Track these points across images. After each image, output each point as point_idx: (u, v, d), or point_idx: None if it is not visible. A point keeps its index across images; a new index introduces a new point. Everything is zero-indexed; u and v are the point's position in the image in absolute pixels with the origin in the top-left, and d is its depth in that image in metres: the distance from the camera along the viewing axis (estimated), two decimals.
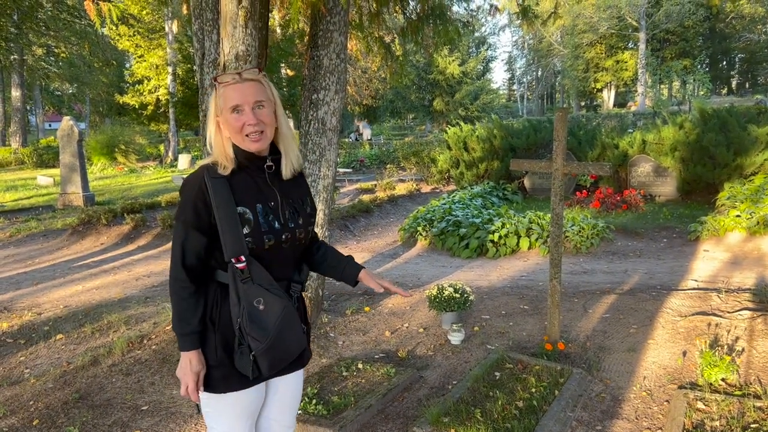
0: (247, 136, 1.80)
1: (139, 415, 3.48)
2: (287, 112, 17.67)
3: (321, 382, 3.69)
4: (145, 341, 4.56)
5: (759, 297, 4.68)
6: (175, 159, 24.75)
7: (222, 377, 1.86)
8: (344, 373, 3.82)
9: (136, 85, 25.84)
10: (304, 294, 2.19)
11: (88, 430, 3.33)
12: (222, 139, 1.84)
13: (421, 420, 3.06)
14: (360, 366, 3.91)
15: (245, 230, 1.80)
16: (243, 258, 1.78)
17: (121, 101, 26.45)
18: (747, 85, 50.62)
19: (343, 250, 8.23)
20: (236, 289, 1.79)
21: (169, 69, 24.25)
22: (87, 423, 3.39)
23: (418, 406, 3.43)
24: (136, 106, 25.73)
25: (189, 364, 1.82)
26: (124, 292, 6.51)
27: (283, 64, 21.27)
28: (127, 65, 33.28)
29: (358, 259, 7.67)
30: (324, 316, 4.87)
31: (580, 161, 10.97)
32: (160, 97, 25.22)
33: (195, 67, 4.70)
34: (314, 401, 3.36)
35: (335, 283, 6.22)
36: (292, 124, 30.36)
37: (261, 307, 1.79)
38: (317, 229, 4.76)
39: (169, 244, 9.23)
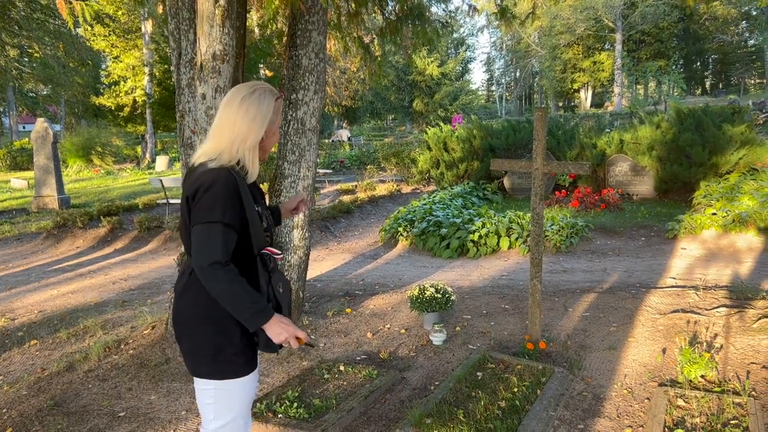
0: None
1: (116, 422, 3.41)
2: None
3: (302, 385, 3.65)
4: (122, 346, 4.48)
5: (735, 294, 4.74)
6: (153, 161, 24.50)
7: (245, 362, 2.00)
8: (326, 376, 3.78)
9: (113, 86, 25.53)
10: None
11: None
12: (257, 147, 2.02)
13: (403, 422, 3.04)
14: (342, 368, 3.88)
15: (264, 225, 2.05)
16: (275, 249, 2.06)
17: (97, 102, 26.12)
18: (720, 86, 51.50)
19: (324, 252, 8.19)
20: (266, 276, 2.02)
21: (146, 70, 24.00)
22: (62, 430, 3.32)
23: (400, 408, 3.41)
24: (113, 108, 25.44)
25: (281, 323, 1.94)
26: (101, 296, 6.40)
27: (261, 65, 21.14)
28: (103, 66, 32.84)
29: (339, 260, 7.64)
30: (305, 318, 4.83)
31: (560, 161, 11.05)
32: (137, 99, 24.95)
33: (172, 67, 4.63)
34: (295, 404, 3.31)
35: (316, 285, 6.18)
36: None
37: (280, 290, 2.08)
38: (298, 231, 4.72)
39: (147, 247, 9.14)
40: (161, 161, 22.73)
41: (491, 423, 3.00)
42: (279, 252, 2.05)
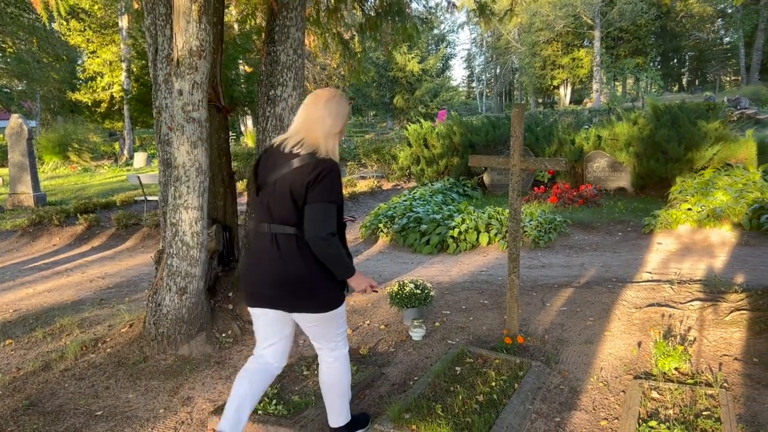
0: None
1: (93, 421, 3.38)
2: (245, 108, 17.42)
3: (281, 382, 3.64)
4: (99, 344, 4.43)
5: (709, 287, 4.83)
6: (131, 157, 24.22)
7: (342, 297, 2.74)
8: (305, 372, 3.79)
9: (89, 82, 25.15)
10: None
11: None
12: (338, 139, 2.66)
13: (382, 417, 3.05)
14: None
15: None
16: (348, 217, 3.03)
17: (73, 98, 25.73)
18: (697, 83, 52.16)
19: None
20: (343, 238, 2.70)
21: (123, 65, 23.69)
22: (38, 430, 3.28)
23: (379, 403, 3.43)
24: (89, 103, 25.05)
25: (361, 276, 2.69)
26: (78, 294, 6.33)
27: (240, 61, 20.96)
28: (79, 61, 32.33)
29: None
30: None
31: (538, 157, 11.14)
32: (114, 94, 24.62)
33: (149, 63, 4.59)
34: (274, 401, 3.31)
35: None
36: (250, 121, 30.01)
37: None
38: None
39: (125, 245, 9.03)
40: (139, 158, 22.48)
41: (469, 417, 3.03)
42: (352, 218, 2.95)
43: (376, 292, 3.04)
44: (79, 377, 3.96)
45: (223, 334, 4.35)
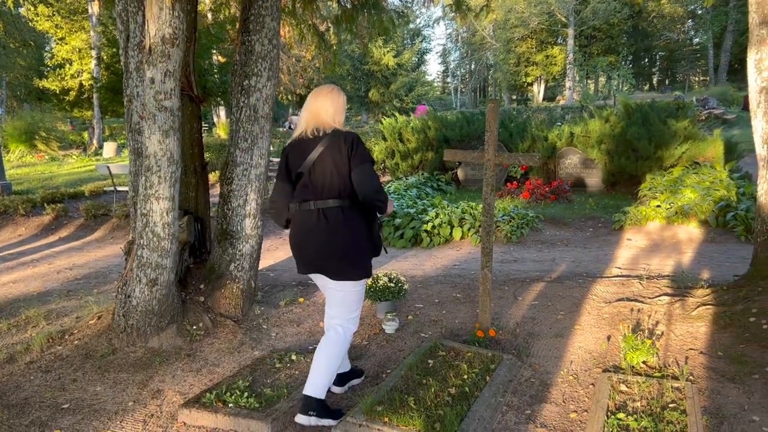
0: None
1: (59, 414, 3.32)
2: (218, 99, 17.20)
3: (253, 375, 3.62)
4: (66, 337, 4.35)
5: (676, 283, 4.92)
6: (100, 147, 23.75)
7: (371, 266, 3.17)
8: (277, 365, 3.76)
9: (57, 69, 24.55)
10: (236, 285, 3.83)
11: (3, 431, 3.15)
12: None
13: (355, 409, 3.05)
14: (293, 357, 3.86)
15: None
16: None
17: (40, 85, 25.08)
18: (667, 82, 53.05)
19: (278, 241, 8.12)
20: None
21: (93, 53, 23.18)
22: (2, 423, 3.20)
23: (352, 396, 3.42)
24: (57, 91, 24.45)
25: (390, 204, 3.14)
26: (45, 285, 6.20)
27: (214, 50, 20.66)
28: (48, 48, 31.55)
29: None
30: (257, 308, 4.79)
31: (512, 152, 11.22)
32: (84, 83, 24.07)
33: (120, 51, 4.49)
34: (246, 394, 3.29)
35: (269, 275, 6.14)
36: (223, 112, 29.65)
37: None
38: (250, 219, 4.66)
39: (93, 236, 8.88)
40: (109, 147, 22.06)
41: (441, 409, 3.04)
42: None
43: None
44: (45, 370, 3.88)
45: (194, 327, 4.30)
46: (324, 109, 3.04)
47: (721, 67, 41.20)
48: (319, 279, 3.20)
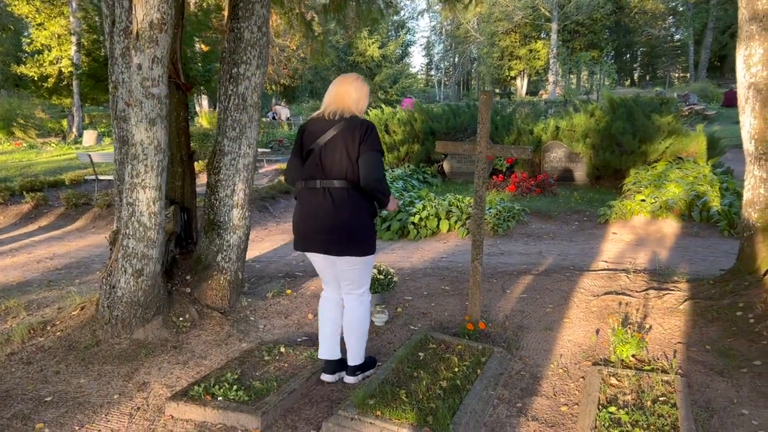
0: None
1: (42, 407, 3.24)
2: (202, 88, 17.00)
3: (242, 367, 3.56)
4: (48, 328, 4.25)
5: (663, 277, 4.95)
6: (80, 135, 23.34)
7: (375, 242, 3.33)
8: (266, 357, 3.72)
9: (36, 55, 24.01)
10: (223, 276, 4.15)
11: None
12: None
13: (346, 403, 3.02)
14: (282, 349, 3.82)
15: None
16: None
17: (18, 72, 24.52)
18: (647, 78, 53.53)
19: (263, 232, 8.05)
20: None
21: (73, 39, 22.72)
22: None
23: (343, 389, 3.39)
24: (36, 78, 23.92)
25: (393, 200, 3.33)
26: (24, 275, 6.07)
27: (197, 38, 20.40)
28: (26, 33, 30.86)
29: (279, 241, 7.52)
30: (244, 300, 4.73)
31: (502, 145, 11.22)
32: (63, 69, 23.59)
33: (105, 36, 4.38)
34: (235, 387, 3.24)
35: (255, 266, 6.07)
36: (206, 102, 29.30)
37: None
38: (237, 210, 4.60)
39: (74, 225, 8.73)
40: (89, 136, 21.69)
41: (433, 402, 3.02)
42: None
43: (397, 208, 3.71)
44: (26, 361, 3.79)
45: (181, 318, 4.24)
46: (348, 95, 3.20)
47: (701, 63, 41.65)
48: (318, 259, 3.33)
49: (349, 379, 3.43)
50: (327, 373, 3.48)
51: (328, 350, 3.46)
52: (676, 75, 52.39)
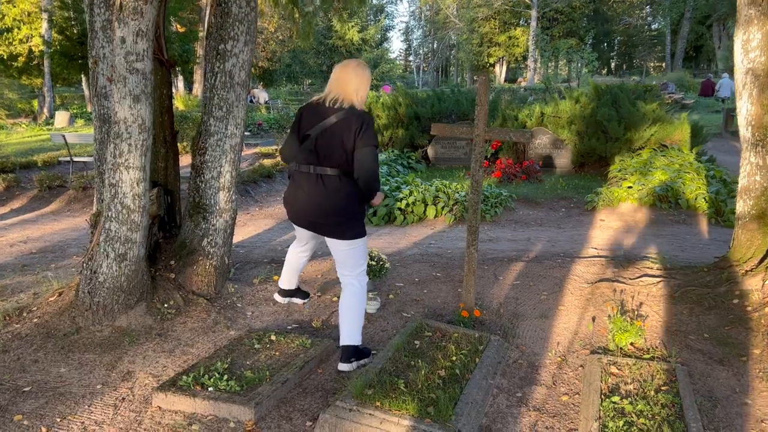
0: None
1: (20, 397, 3.06)
2: (178, 69, 16.59)
3: (231, 356, 3.42)
4: (24, 314, 4.05)
5: (655, 264, 4.91)
6: (51, 116, 22.71)
7: (365, 230, 3.41)
8: (256, 346, 3.58)
9: (5, 33, 23.23)
10: (209, 261, 4.36)
11: None
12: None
13: (344, 393, 2.90)
14: (273, 337, 3.68)
15: None
16: None
17: None
18: (624, 67, 53.91)
19: (245, 216, 7.87)
20: None
21: (44, 16, 22.01)
22: None
23: (337, 378, 3.28)
24: (5, 57, 23.16)
25: (379, 195, 3.39)
26: None
27: (173, 19, 19.91)
28: None
29: (262, 225, 7.35)
30: (230, 286, 4.57)
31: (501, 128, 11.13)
32: (33, 48, 22.88)
33: (84, 7, 4.15)
34: (225, 377, 3.10)
35: (239, 251, 5.91)
36: (182, 84, 28.73)
37: None
38: (224, 193, 4.43)
39: (48, 208, 8.45)
40: (61, 117, 21.10)
41: (433, 393, 2.92)
42: None
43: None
44: (2, 350, 3.60)
45: (165, 305, 4.07)
46: (348, 82, 3.19)
47: (678, 53, 42.02)
48: (310, 235, 3.57)
49: (343, 366, 3.35)
50: (279, 295, 4.01)
51: (285, 281, 3.95)
52: (652, 65, 52.84)
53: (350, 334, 3.38)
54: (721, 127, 16.81)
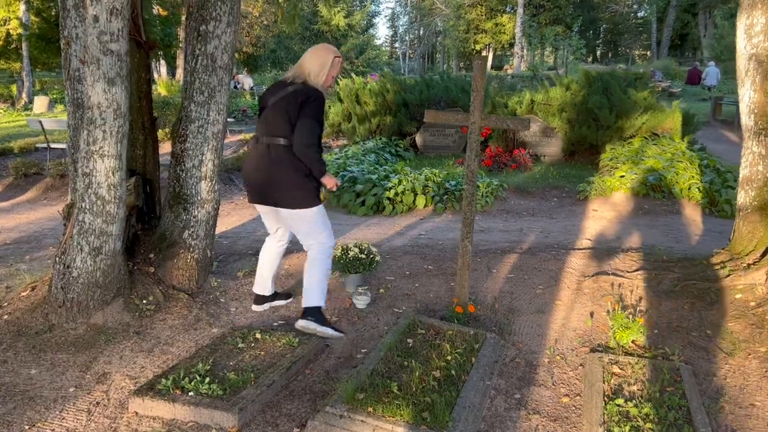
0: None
1: None
2: (161, 53, 16.22)
3: (214, 356, 3.23)
4: None
5: (652, 256, 4.77)
6: (30, 101, 22.15)
7: (318, 196, 3.51)
8: (240, 345, 3.39)
9: None
10: (190, 254, 4.20)
11: None
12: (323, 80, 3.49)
13: (333, 398, 2.72)
14: (258, 336, 3.49)
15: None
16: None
17: None
18: (610, 55, 53.89)
19: (229, 206, 7.64)
20: (320, 148, 3.50)
21: None
22: None
23: (326, 380, 3.10)
24: None
25: (329, 177, 3.46)
26: None
27: (155, 1, 19.41)
28: None
29: (247, 215, 7.13)
30: (213, 280, 4.37)
31: (498, 115, 10.93)
32: (11, 31, 22.26)
33: None
34: (207, 379, 2.91)
35: (222, 242, 5.69)
36: (164, 69, 28.22)
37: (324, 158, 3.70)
38: (206, 182, 4.21)
39: (24, 196, 8.17)
40: (40, 102, 20.57)
41: (428, 396, 2.75)
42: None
43: (338, 187, 3.79)
44: None
45: (144, 301, 3.86)
46: (308, 62, 3.45)
47: (664, 41, 42.02)
48: (261, 207, 3.64)
49: (300, 323, 3.55)
50: (256, 304, 3.99)
51: (260, 287, 3.95)
52: (638, 53, 52.85)
53: (313, 296, 3.56)
54: (709, 115, 16.77)
